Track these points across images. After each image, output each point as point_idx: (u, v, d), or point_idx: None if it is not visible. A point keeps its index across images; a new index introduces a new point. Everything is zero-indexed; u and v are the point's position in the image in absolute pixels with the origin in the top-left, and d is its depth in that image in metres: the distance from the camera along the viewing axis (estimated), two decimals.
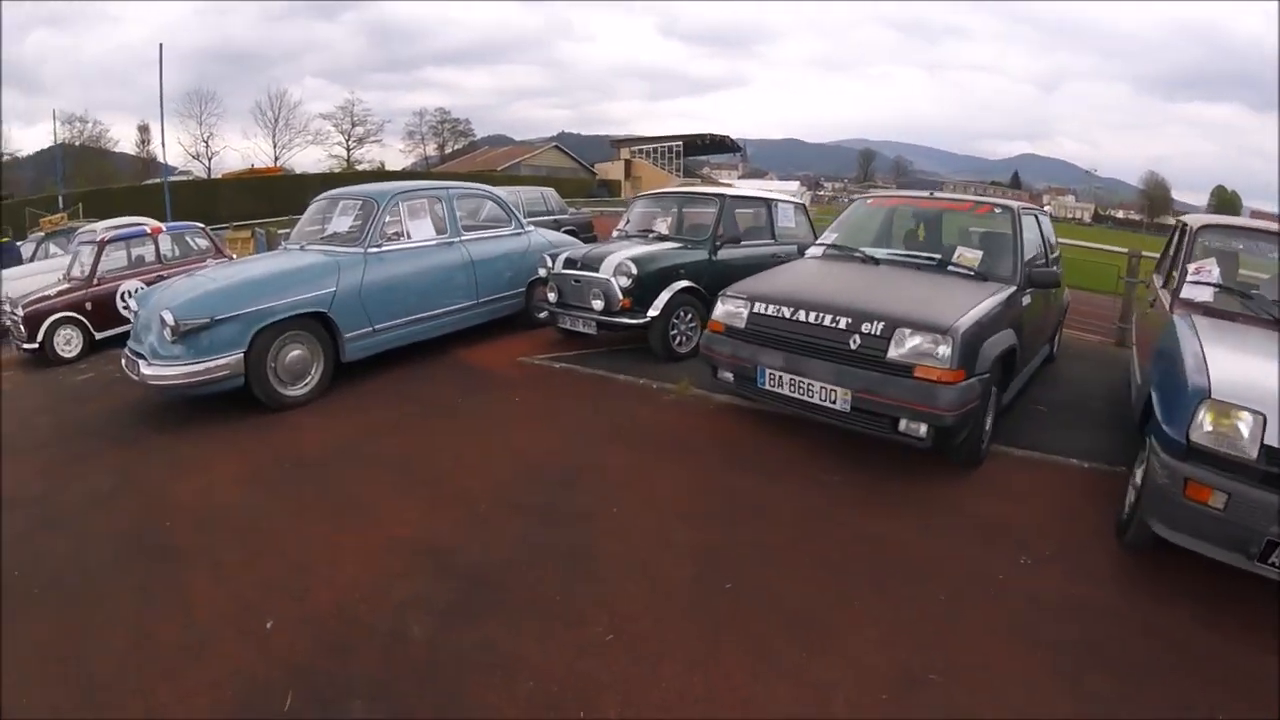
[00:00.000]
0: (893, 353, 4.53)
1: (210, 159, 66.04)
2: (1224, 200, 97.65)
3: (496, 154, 75.82)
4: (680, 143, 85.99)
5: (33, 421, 7.42)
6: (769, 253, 8.46)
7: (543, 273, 8.33)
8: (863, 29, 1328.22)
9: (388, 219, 7.70)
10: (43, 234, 16.95)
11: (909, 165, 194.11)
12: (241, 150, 64.33)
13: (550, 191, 18.96)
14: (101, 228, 14.86)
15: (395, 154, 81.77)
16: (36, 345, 10.58)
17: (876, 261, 6.09)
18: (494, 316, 9.01)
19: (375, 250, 7.50)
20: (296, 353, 6.87)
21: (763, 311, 5.24)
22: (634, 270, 7.23)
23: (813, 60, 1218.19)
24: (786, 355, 5.01)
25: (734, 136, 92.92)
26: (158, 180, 45.20)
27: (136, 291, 10.69)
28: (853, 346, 4.69)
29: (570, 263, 7.91)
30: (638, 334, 7.71)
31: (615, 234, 8.97)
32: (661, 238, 8.38)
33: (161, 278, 10.93)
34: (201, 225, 12.97)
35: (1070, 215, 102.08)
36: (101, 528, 4.69)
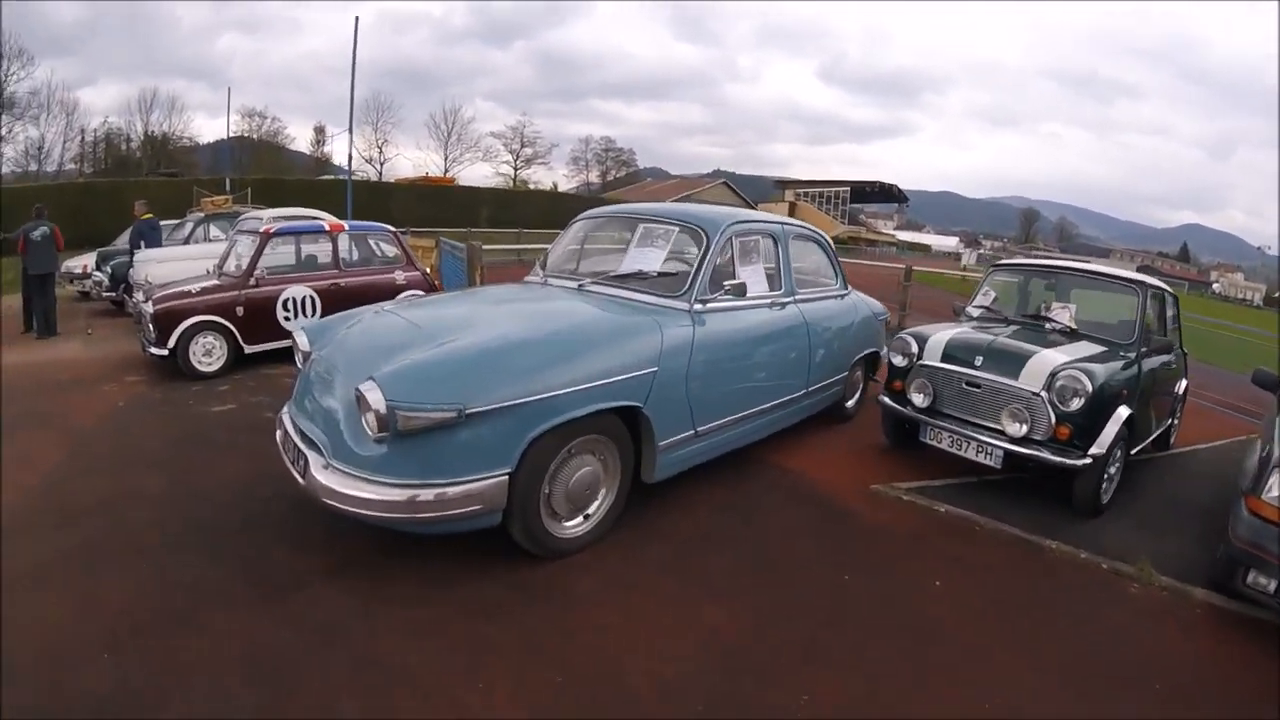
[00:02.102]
0: None
1: (382, 164, 66.73)
2: None
3: (664, 186, 74.79)
4: (848, 188, 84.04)
5: (136, 484, 5.18)
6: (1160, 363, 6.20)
7: (899, 361, 5.87)
8: (1033, 83, 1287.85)
9: (719, 261, 5.04)
10: (202, 214, 15.31)
11: (1074, 229, 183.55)
12: (413, 159, 64.73)
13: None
14: (268, 216, 12.35)
15: (559, 177, 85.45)
16: (166, 351, 8.12)
17: None
18: (816, 410, 6.48)
19: (702, 308, 4.81)
20: (587, 469, 4.15)
21: None
22: (1089, 387, 4.81)
23: (978, 112, 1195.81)
24: None
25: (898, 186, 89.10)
26: (332, 176, 44.93)
27: (304, 302, 8.30)
28: None
29: (958, 355, 5.52)
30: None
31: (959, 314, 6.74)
32: (1069, 334, 5.92)
33: (338, 286, 8.82)
34: (391, 229, 10.61)
35: (1240, 295, 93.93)
36: None
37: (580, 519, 4.19)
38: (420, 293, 10.11)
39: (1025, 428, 4.99)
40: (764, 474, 5.63)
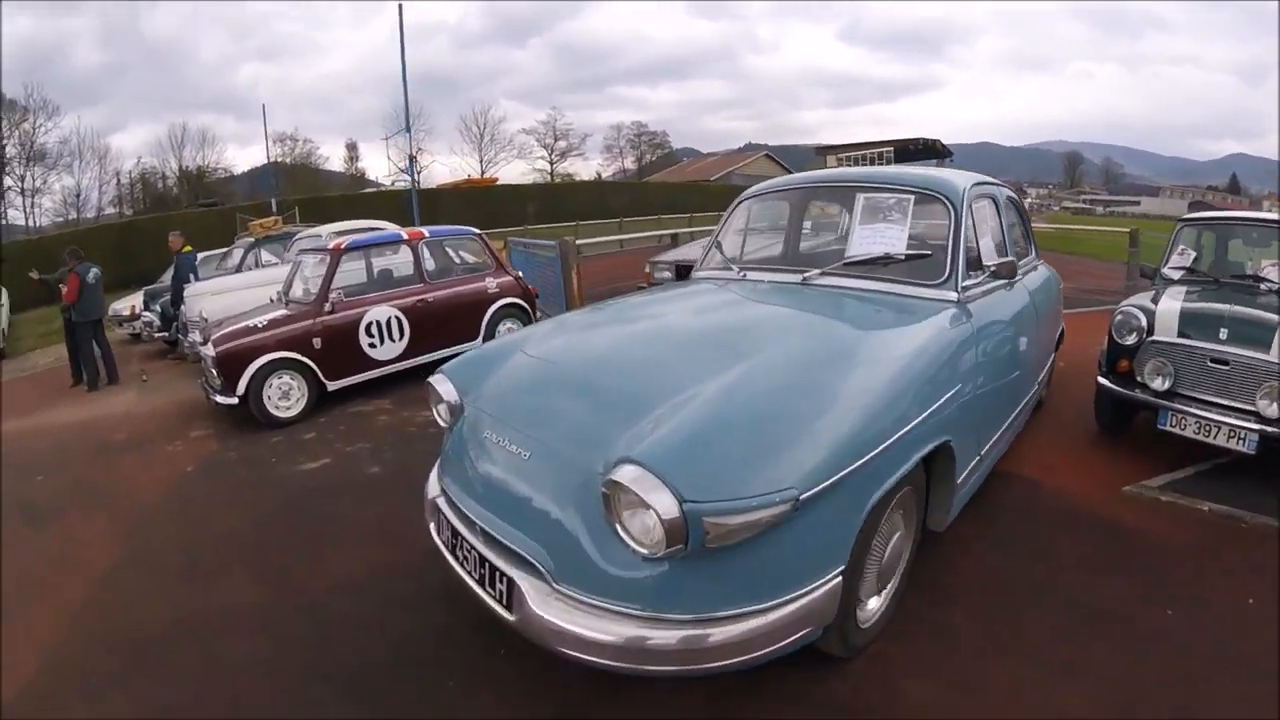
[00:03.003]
0: None
1: (419, 172, 65.42)
2: None
3: (706, 164, 73.16)
4: (891, 148, 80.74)
5: (222, 594, 3.80)
6: None
7: (1128, 339, 5.02)
8: (1057, 23, 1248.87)
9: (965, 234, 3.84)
10: (251, 239, 14.05)
11: (1119, 169, 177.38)
12: (448, 165, 63.86)
13: None
14: (328, 231, 11.08)
15: (594, 167, 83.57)
16: (236, 399, 6.84)
17: None
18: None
19: (966, 296, 3.66)
20: (897, 532, 3.11)
21: None
22: None
23: (1006, 59, 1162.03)
24: None
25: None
26: (375, 189, 43.94)
27: (389, 325, 7.28)
28: None
29: (1196, 328, 4.75)
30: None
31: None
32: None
33: (425, 302, 7.66)
34: (476, 231, 9.16)
35: None
36: None
37: (878, 597, 3.05)
38: (519, 302, 8.85)
39: None
40: (1002, 489, 4.56)
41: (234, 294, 10.04)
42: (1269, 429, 4.27)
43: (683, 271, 8.57)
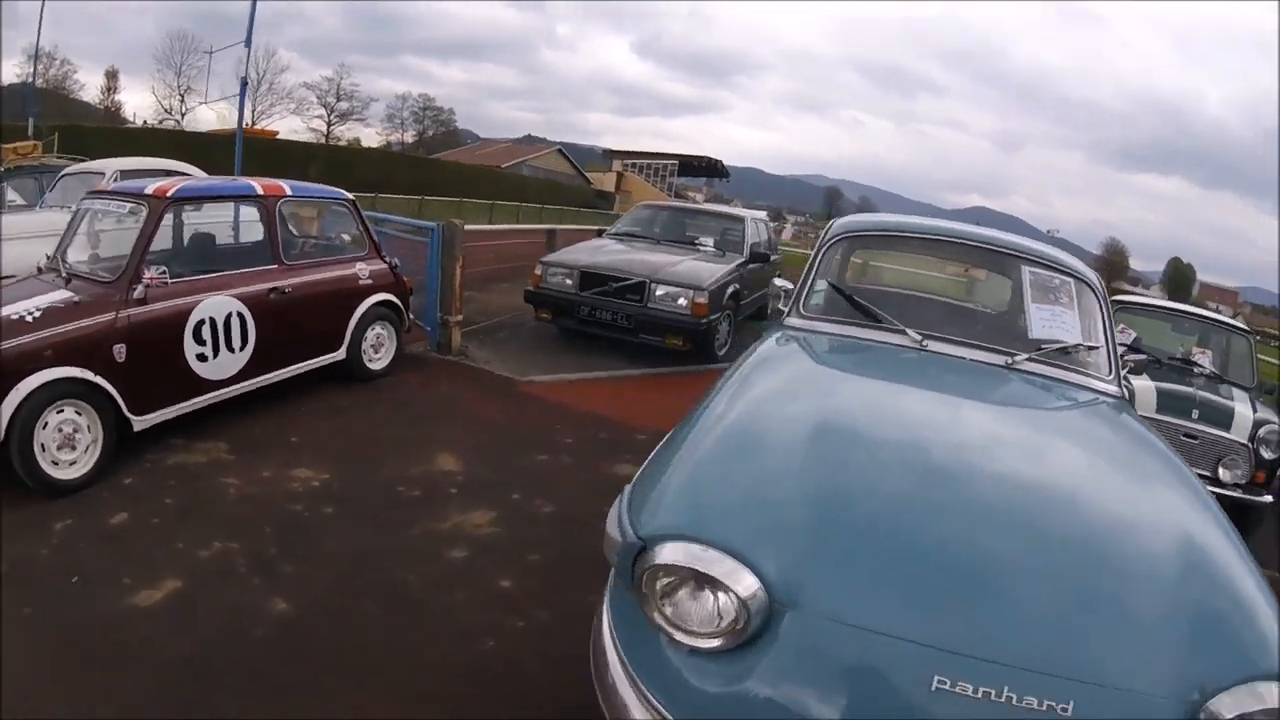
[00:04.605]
0: None
1: (184, 115, 58.10)
2: (1179, 271, 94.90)
3: (497, 150, 70.82)
4: (676, 162, 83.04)
5: None
6: None
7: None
8: (840, 73, 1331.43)
9: None
10: (1, 168, 10.51)
11: (873, 207, 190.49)
12: (217, 110, 57.95)
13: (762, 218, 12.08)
14: (113, 170, 8.08)
15: (373, 135, 78.08)
16: None
17: None
18: None
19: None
20: None
21: None
22: None
23: (787, 96, 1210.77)
24: None
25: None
26: (138, 125, 38.27)
27: (228, 326, 5.25)
28: None
29: (1171, 406, 5.96)
30: None
31: None
32: (1216, 379, 6.86)
33: (281, 294, 5.56)
34: (348, 196, 6.70)
35: None
36: None
37: None
38: (392, 299, 6.66)
39: (1239, 474, 5.68)
40: None
41: None
42: (1225, 491, 5.55)
43: (589, 279, 8.00)
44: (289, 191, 6.01)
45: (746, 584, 1.77)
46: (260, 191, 5.80)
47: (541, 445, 5.48)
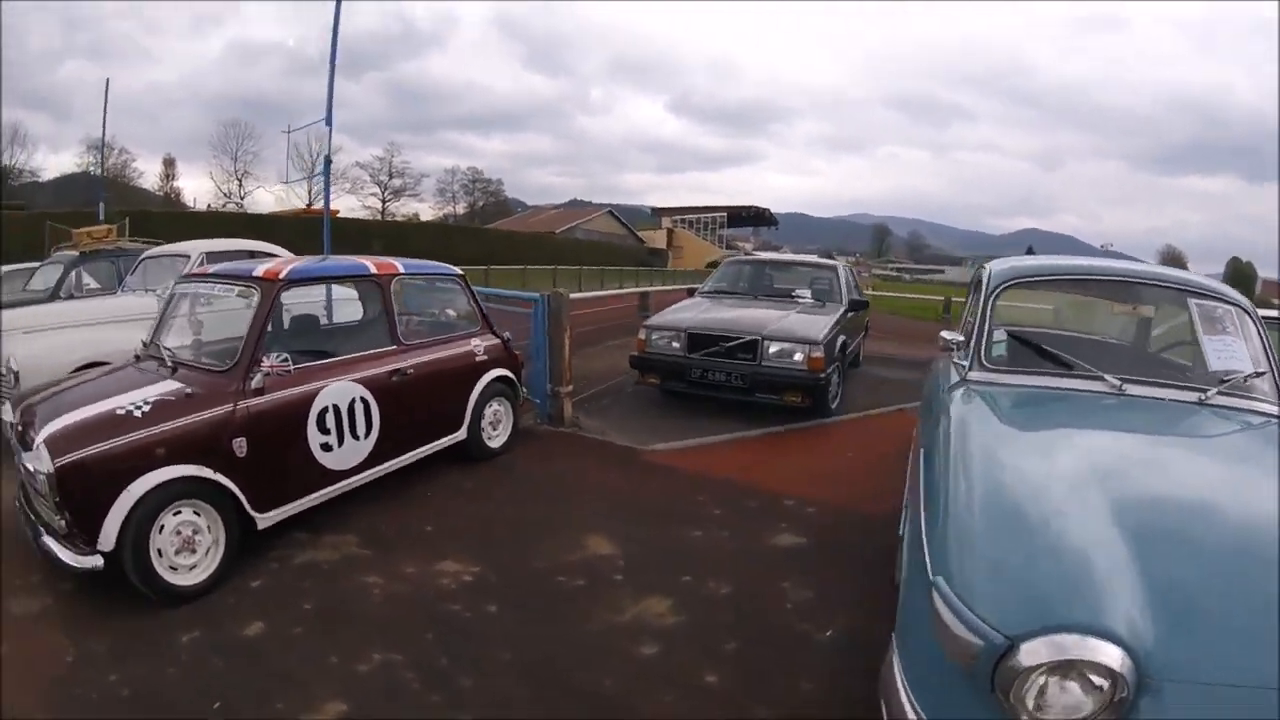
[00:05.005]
0: None
1: (243, 198, 61.05)
2: (1239, 271, 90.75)
3: (551, 216, 72.09)
4: (724, 214, 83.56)
5: None
6: None
7: None
8: (872, 111, 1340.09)
9: None
10: (75, 253, 10.12)
11: (923, 241, 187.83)
12: (275, 194, 59.53)
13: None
14: (199, 252, 7.79)
15: (426, 209, 79.46)
16: (99, 558, 3.63)
17: None
18: None
19: None
20: None
21: None
22: None
23: (821, 139, 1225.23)
24: None
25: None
26: (200, 209, 39.02)
27: (352, 413, 4.81)
28: None
29: None
30: None
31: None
32: None
33: (403, 376, 5.15)
34: (458, 271, 6.39)
35: None
36: None
37: None
38: (508, 374, 6.32)
39: None
40: None
41: (60, 334, 6.65)
42: None
43: (697, 341, 7.56)
44: (402, 269, 5.59)
45: (1115, 662, 1.71)
46: (374, 270, 5.38)
47: (689, 519, 5.04)
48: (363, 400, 4.80)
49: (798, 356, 7.17)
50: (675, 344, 7.70)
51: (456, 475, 5.79)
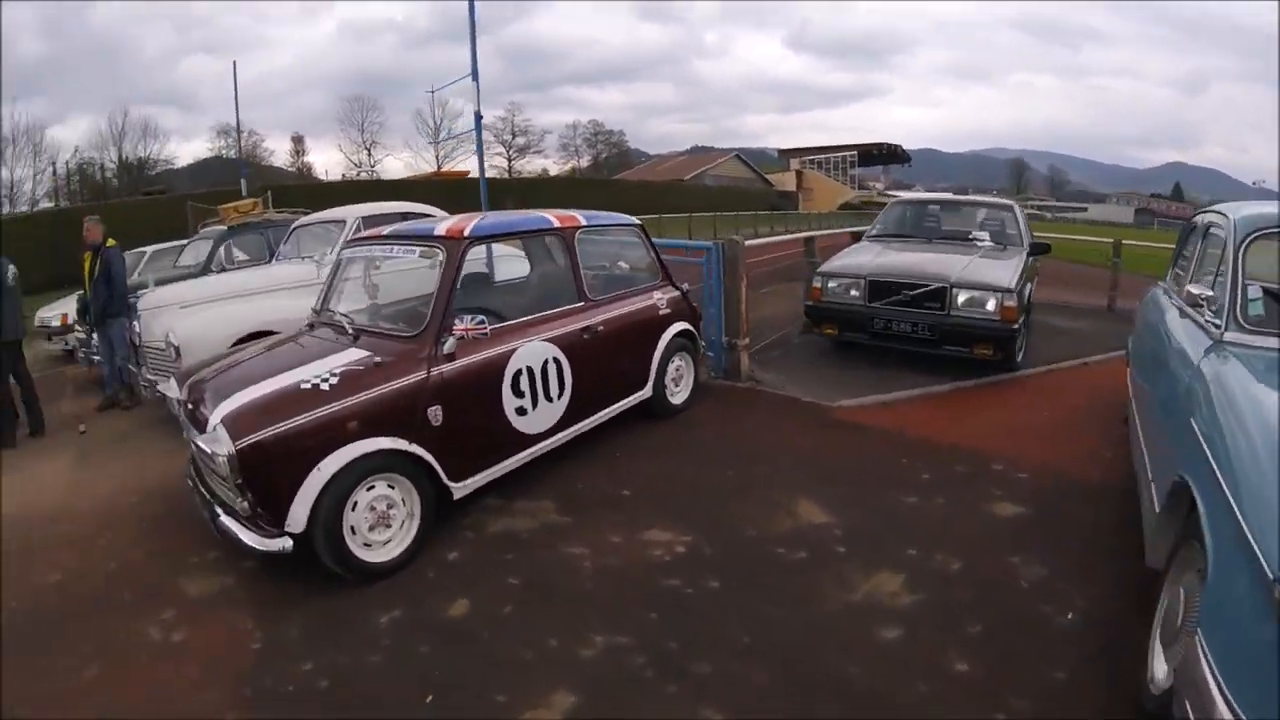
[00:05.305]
0: None
1: (373, 167, 63.01)
2: None
3: (676, 163, 71.47)
4: (855, 153, 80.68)
5: None
6: None
7: None
8: (996, 33, 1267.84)
9: None
10: (223, 227, 10.21)
11: (1064, 176, 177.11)
12: (402, 160, 60.38)
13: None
14: (355, 216, 7.59)
15: (550, 165, 79.39)
16: (289, 539, 3.37)
17: None
18: None
19: None
20: None
21: None
22: None
23: (947, 68, 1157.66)
24: None
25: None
26: (335, 179, 40.24)
27: (544, 374, 4.49)
28: None
29: None
30: None
31: None
32: None
33: (594, 333, 4.83)
34: (638, 221, 6.00)
35: None
36: None
37: None
38: (689, 328, 5.91)
39: None
40: None
41: (217, 306, 6.59)
42: None
43: (879, 289, 6.93)
44: (584, 221, 5.22)
45: None
46: (557, 223, 5.02)
47: (900, 484, 4.56)
48: (555, 361, 4.47)
49: (990, 305, 6.51)
50: (854, 292, 7.12)
51: (642, 434, 5.49)
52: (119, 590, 3.74)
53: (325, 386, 3.47)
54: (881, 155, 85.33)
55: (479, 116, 10.00)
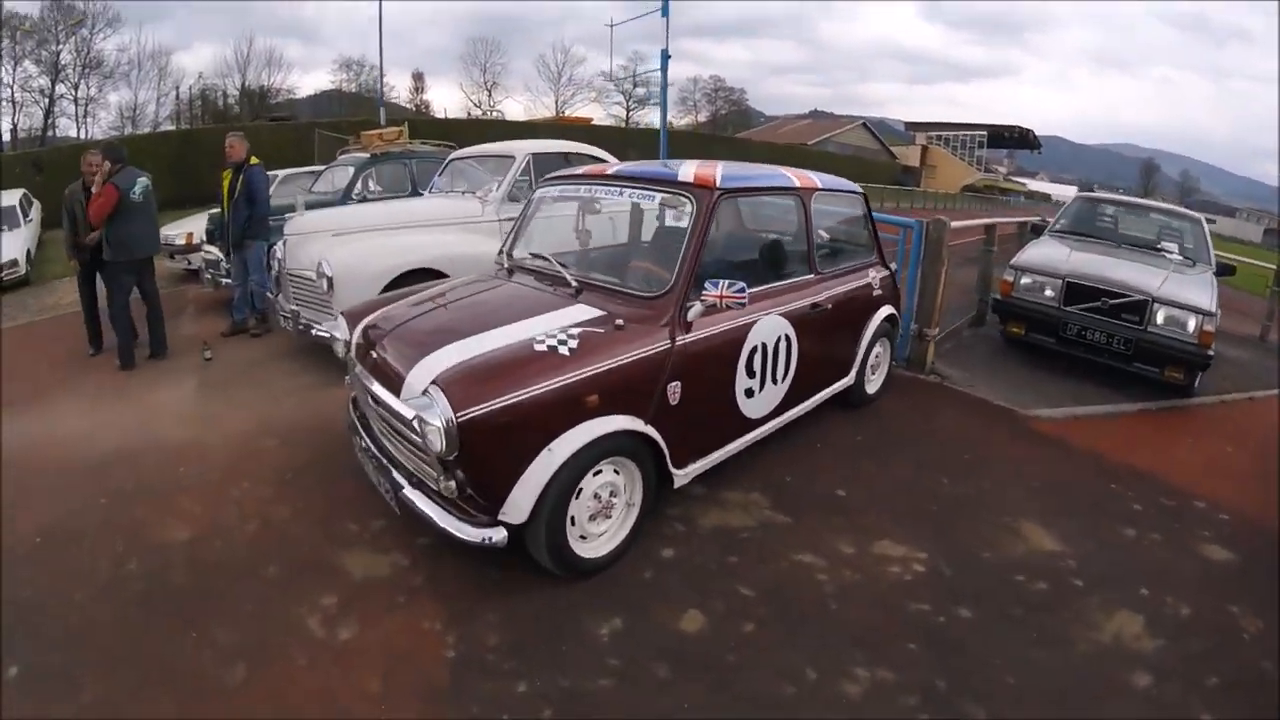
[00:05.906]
0: None
1: (494, 107, 62.52)
2: None
3: (801, 127, 68.94)
4: (984, 133, 77.57)
5: None
6: None
7: None
8: (1145, 24, 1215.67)
9: None
10: (365, 155, 9.51)
11: (1195, 184, 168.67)
12: (522, 103, 60.17)
13: None
14: (526, 152, 7.17)
15: (669, 118, 74.40)
16: (503, 529, 2.89)
17: None
18: None
19: None
20: None
21: None
22: None
23: (1086, 53, 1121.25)
24: None
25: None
26: (460, 117, 40.36)
27: (776, 353, 4.03)
28: None
29: None
30: None
31: None
32: None
33: (821, 310, 4.44)
34: (863, 192, 5.45)
35: None
36: None
37: None
38: (894, 313, 5.48)
39: None
40: None
41: (374, 237, 6.17)
42: None
43: (1076, 293, 6.47)
44: (820, 184, 4.68)
45: None
46: (797, 183, 4.47)
47: (1116, 514, 4.26)
48: (786, 338, 4.02)
49: (1190, 326, 6.03)
50: (1049, 292, 6.66)
51: (838, 424, 5.10)
52: (264, 560, 3.35)
53: (564, 350, 3.02)
54: (1012, 139, 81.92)
55: (666, 55, 9.42)
